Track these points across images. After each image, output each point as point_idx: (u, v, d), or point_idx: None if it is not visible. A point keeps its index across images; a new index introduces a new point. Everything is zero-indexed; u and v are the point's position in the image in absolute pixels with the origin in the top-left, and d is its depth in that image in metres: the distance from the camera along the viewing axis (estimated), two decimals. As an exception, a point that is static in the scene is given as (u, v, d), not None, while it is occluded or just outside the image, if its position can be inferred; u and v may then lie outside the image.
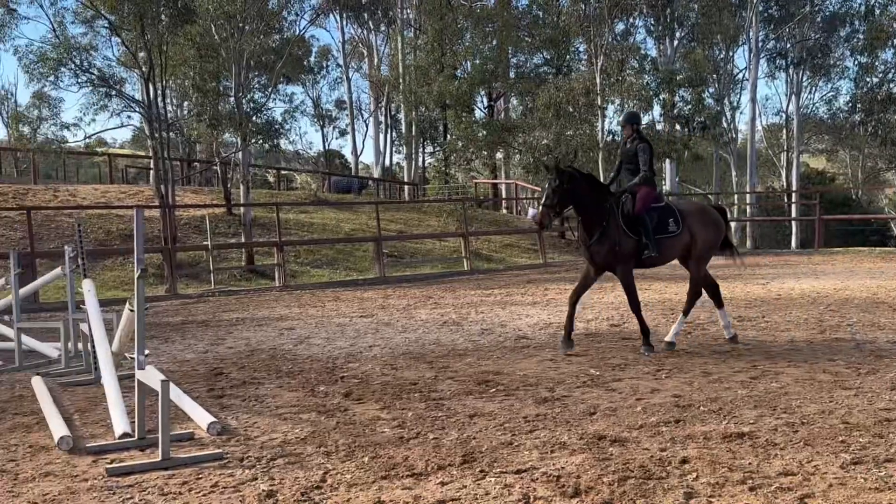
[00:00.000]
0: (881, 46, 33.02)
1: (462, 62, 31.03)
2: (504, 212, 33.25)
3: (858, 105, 34.15)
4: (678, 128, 29.32)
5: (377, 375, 7.37)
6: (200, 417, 5.68)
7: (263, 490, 4.21)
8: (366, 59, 42.85)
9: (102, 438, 5.38)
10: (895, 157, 38.21)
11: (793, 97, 35.08)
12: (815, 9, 33.28)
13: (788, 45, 34.01)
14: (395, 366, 7.85)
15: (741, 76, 35.54)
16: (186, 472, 4.57)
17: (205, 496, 4.18)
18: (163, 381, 4.77)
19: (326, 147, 48.36)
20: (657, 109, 29.09)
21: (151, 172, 26.15)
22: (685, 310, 8.85)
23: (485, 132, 29.83)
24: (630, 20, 31.01)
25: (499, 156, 34.69)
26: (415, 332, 10.11)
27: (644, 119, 29.09)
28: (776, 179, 44.53)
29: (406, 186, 38.09)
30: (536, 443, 4.99)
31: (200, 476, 4.50)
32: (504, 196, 35.75)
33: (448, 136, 34.36)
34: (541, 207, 8.42)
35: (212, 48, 20.30)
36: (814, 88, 35.90)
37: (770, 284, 14.71)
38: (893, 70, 33.86)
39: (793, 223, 31.93)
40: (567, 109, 26.56)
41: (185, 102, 26.13)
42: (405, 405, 6.11)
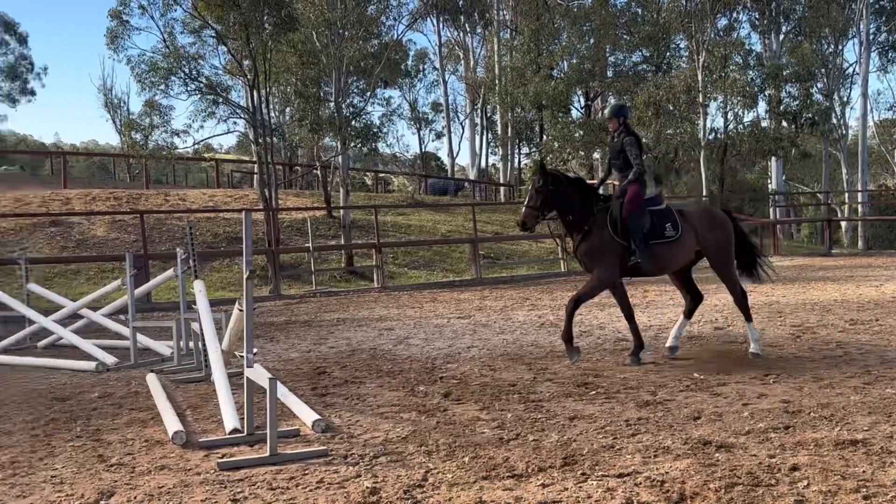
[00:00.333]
0: None
1: (558, 62, 30.80)
2: (602, 212, 32.79)
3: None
4: (784, 124, 28.36)
5: (476, 376, 7.40)
6: (305, 415, 5.83)
7: (367, 487, 4.29)
8: (462, 62, 43.07)
9: (213, 434, 5.58)
10: None
11: (907, 91, 33.46)
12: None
13: (902, 37, 32.49)
14: (494, 367, 7.87)
15: (851, 70, 34.12)
16: (293, 468, 4.70)
17: (311, 492, 4.29)
18: (270, 380, 4.92)
19: (423, 149, 48.86)
20: (762, 105, 28.22)
21: (255, 177, 26.94)
22: (746, 317, 8.35)
23: (582, 132, 29.54)
24: (733, 15, 30.20)
25: (596, 156, 34.24)
26: (512, 334, 10.10)
27: (748, 116, 28.33)
28: (889, 177, 42.57)
29: (502, 188, 38.07)
30: (639, 447, 4.92)
31: (307, 472, 4.62)
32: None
33: (544, 137, 34.12)
34: (523, 208, 8.11)
35: (313, 55, 20.79)
36: (930, 81, 34.20)
37: (884, 286, 14.06)
38: None
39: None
40: (667, 107, 26.06)
41: (288, 108, 26.81)
42: (504, 406, 6.12)
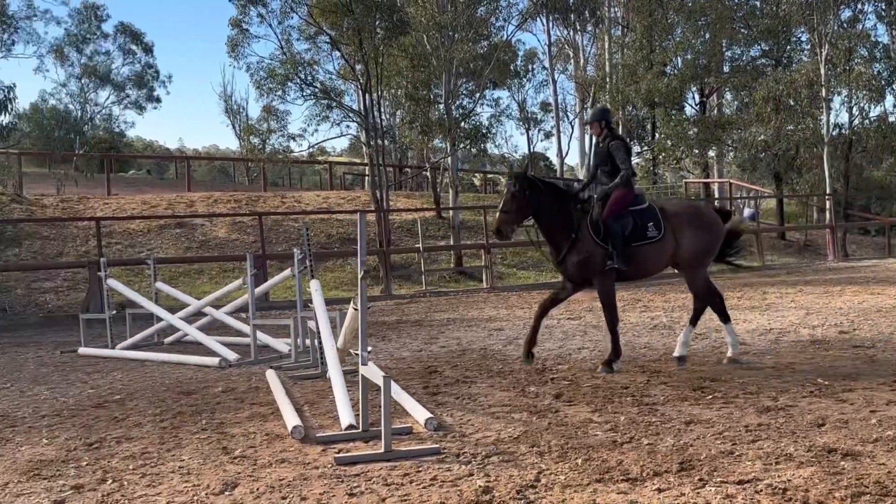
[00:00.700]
0: None
1: (672, 58, 30.11)
2: (717, 212, 31.88)
3: None
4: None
5: (587, 378, 7.33)
6: (418, 413, 5.90)
7: (480, 486, 4.31)
8: (571, 61, 42.64)
9: (330, 429, 5.72)
10: None
11: None
12: None
13: None
14: (606, 369, 7.76)
15: None
16: (407, 465, 4.77)
17: (425, 489, 4.35)
18: (385, 378, 5.01)
19: (531, 150, 48.60)
20: (889, 100, 26.83)
21: (367, 178, 27.47)
22: (723, 319, 7.99)
23: (696, 129, 28.81)
24: (858, 6, 28.79)
25: (711, 154, 33.34)
26: (624, 336, 9.92)
27: (874, 110, 26.99)
28: None
29: (613, 187, 37.45)
30: (759, 453, 4.76)
31: (420, 469, 4.68)
32: (717, 196, 34.33)
33: (656, 135, 33.46)
34: (498, 214, 7.75)
35: (423, 58, 21.05)
36: None
37: None
38: None
39: None
40: (787, 103, 25.12)
41: (398, 111, 27.23)
42: (617, 409, 6.03)
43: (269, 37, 23.32)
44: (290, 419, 5.79)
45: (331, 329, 7.45)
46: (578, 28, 39.99)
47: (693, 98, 33.64)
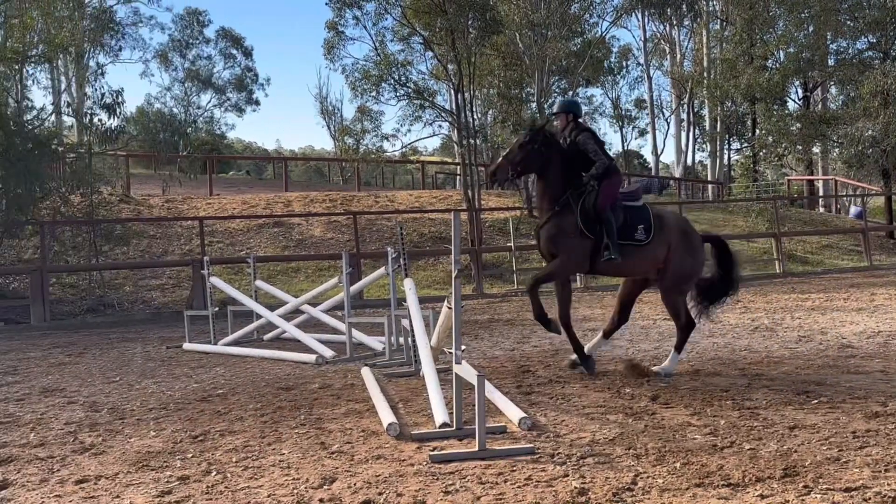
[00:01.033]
0: None
1: (773, 52, 29.16)
2: (821, 210, 30.81)
3: None
4: None
5: (685, 380, 7.17)
6: (511, 412, 5.89)
7: (575, 487, 4.28)
8: (668, 56, 41.83)
9: (424, 427, 5.77)
10: None
11: None
12: None
13: None
14: (704, 371, 7.59)
15: None
16: (501, 464, 4.77)
17: (519, 488, 4.34)
18: (479, 377, 5.02)
19: (625, 147, 47.95)
20: None
21: (458, 178, 27.58)
22: (676, 346, 7.55)
23: (799, 125, 27.84)
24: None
25: (815, 150, 32.15)
26: (723, 338, 9.70)
27: None
28: None
29: (710, 185, 36.63)
30: (867, 460, 4.57)
31: (514, 469, 4.67)
32: (821, 193, 33.12)
33: (757, 131, 32.50)
34: (499, 159, 7.37)
35: (515, 56, 21.03)
36: None
37: None
38: None
39: None
40: (897, 96, 24.00)
41: (490, 110, 27.28)
42: (717, 412, 5.89)
43: (364, 39, 23.75)
44: (386, 416, 5.87)
45: (424, 327, 7.52)
46: (675, 23, 39.18)
47: (796, 93, 32.52)
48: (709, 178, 37.70)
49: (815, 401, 6.13)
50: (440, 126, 24.00)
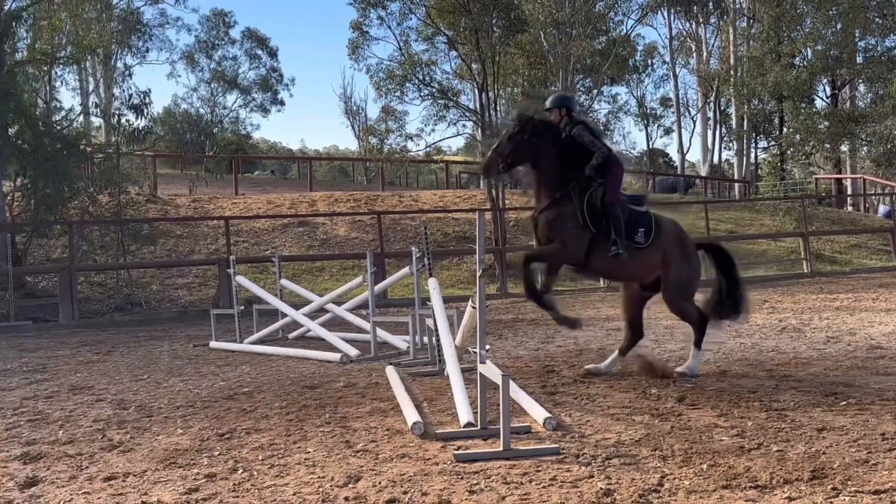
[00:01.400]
0: None
1: (801, 49, 28.89)
2: (849, 209, 30.43)
3: None
4: None
5: (711, 381, 7.12)
6: (536, 412, 5.88)
7: (601, 488, 4.26)
8: (694, 54, 41.52)
9: (448, 426, 5.77)
10: None
11: None
12: None
13: None
14: (730, 372, 7.53)
15: None
16: (526, 464, 4.76)
17: (544, 488, 4.32)
18: (503, 376, 5.01)
19: (650, 146, 47.66)
20: None
21: (482, 178, 27.50)
22: (696, 343, 7.47)
23: (827, 123, 27.56)
24: None
25: (843, 148, 31.78)
26: (750, 338, 9.62)
27: None
28: None
29: (736, 184, 36.34)
30: (898, 464, 4.51)
31: (539, 469, 4.66)
32: (849, 192, 32.73)
33: (784, 130, 32.19)
34: (489, 153, 7.18)
35: (540, 55, 20.99)
36: None
37: None
38: None
39: None
40: (927, 94, 23.69)
41: (514, 109, 27.22)
42: (744, 414, 5.83)
43: (388, 38, 23.71)
44: (410, 415, 5.87)
45: (448, 327, 7.52)
46: (701, 20, 38.88)
47: (824, 90, 32.21)
48: (735, 177, 37.38)
49: (844, 402, 6.07)
50: (464, 126, 23.98)
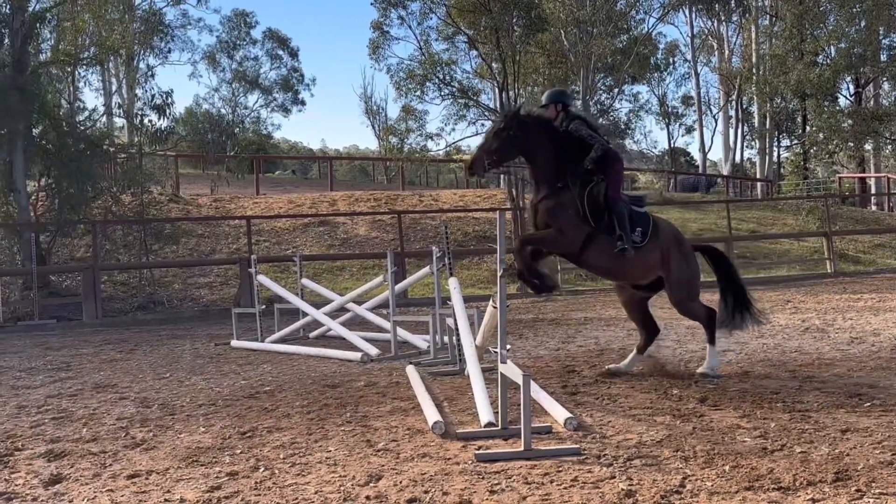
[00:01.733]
0: None
1: (824, 47, 28.62)
2: (873, 209, 30.13)
3: None
4: None
5: (734, 382, 7.07)
6: (557, 412, 5.87)
7: (622, 489, 4.24)
8: (715, 52, 41.26)
9: (469, 426, 5.77)
10: None
11: None
12: None
13: None
14: (753, 373, 7.47)
15: None
16: (547, 464, 4.75)
17: (565, 489, 4.32)
18: (524, 376, 5.00)
19: (671, 145, 47.41)
20: None
21: (503, 176, 27.48)
22: (710, 339, 7.42)
23: (850, 122, 27.28)
24: None
25: (867, 147, 31.45)
26: (773, 338, 9.54)
27: None
28: None
29: (759, 183, 36.08)
30: (924, 466, 4.46)
31: (560, 469, 4.65)
32: (873, 191, 32.40)
33: (807, 128, 31.90)
34: (475, 150, 7.08)
35: (560, 54, 20.92)
36: None
37: None
38: None
39: None
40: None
41: (535, 109, 27.18)
42: (767, 415, 5.79)
43: (409, 38, 23.75)
44: (431, 415, 5.88)
45: (469, 326, 7.51)
46: (723, 18, 38.62)
47: (847, 89, 31.91)
48: (758, 176, 37.11)
49: (868, 403, 6.01)
50: (484, 125, 23.95)
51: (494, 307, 6.24)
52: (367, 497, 4.28)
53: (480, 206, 23.97)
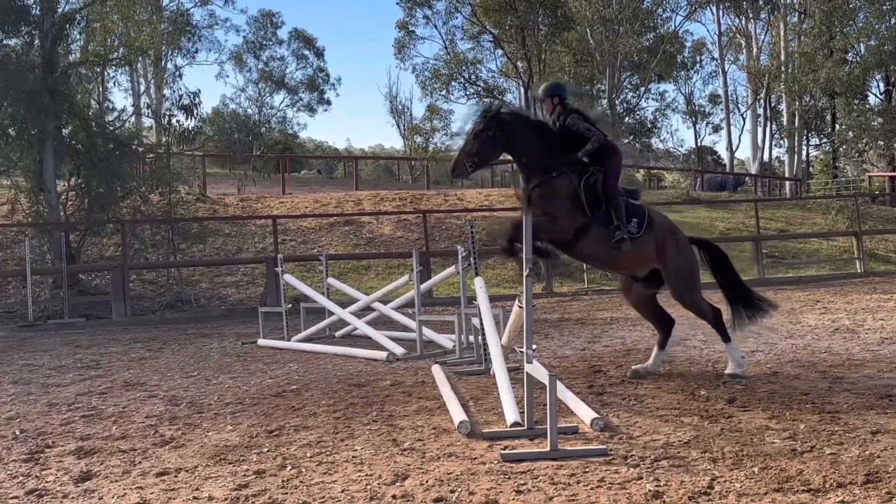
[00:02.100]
0: None
1: (854, 44, 28.29)
2: (904, 208, 29.69)
3: None
4: None
5: (762, 382, 7.01)
6: (583, 413, 5.84)
7: (650, 490, 4.22)
8: (743, 50, 40.87)
9: (495, 425, 5.76)
10: None
11: None
12: None
13: None
14: (782, 373, 7.40)
15: None
16: (573, 465, 4.73)
17: (592, 490, 4.30)
18: (551, 376, 4.99)
19: (698, 144, 47.09)
20: None
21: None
22: (723, 338, 7.39)
23: (881, 120, 26.95)
24: None
25: (899, 145, 31.05)
26: (802, 339, 9.45)
27: None
28: None
29: (787, 182, 35.71)
30: (958, 470, 4.40)
31: (587, 470, 4.63)
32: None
33: (836, 127, 31.54)
34: (456, 153, 7.00)
35: (586, 53, 20.85)
36: None
37: None
38: None
39: None
40: None
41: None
42: (796, 416, 5.73)
43: (434, 38, 23.83)
44: (457, 414, 5.88)
45: (494, 326, 7.50)
46: (751, 16, 38.25)
47: (877, 86, 31.52)
48: (786, 175, 36.74)
49: (900, 405, 5.93)
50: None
51: (521, 307, 6.23)
52: (394, 496, 4.29)
53: (506, 206, 23.93)
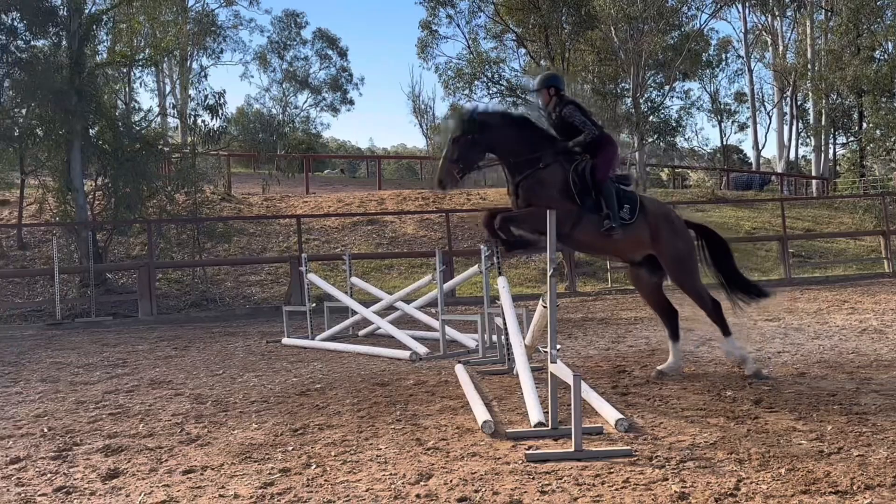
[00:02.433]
0: None
1: (882, 42, 27.94)
2: (933, 207, 29.29)
3: None
4: None
5: (789, 383, 6.95)
6: (608, 413, 5.82)
7: (675, 491, 4.19)
8: (769, 48, 40.51)
9: (518, 425, 5.75)
10: None
11: None
12: None
13: None
14: (809, 374, 7.33)
15: None
16: (598, 466, 4.71)
17: (617, 491, 4.28)
18: (575, 376, 4.97)
19: (724, 142, 46.77)
20: None
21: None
22: (723, 331, 7.36)
23: (910, 118, 26.57)
24: None
25: (927, 144, 30.62)
26: (829, 339, 9.35)
27: None
28: None
29: (814, 181, 35.37)
30: None
31: (612, 471, 4.61)
32: (934, 189, 31.48)
33: (864, 125, 31.17)
34: (440, 163, 6.97)
35: (610, 51, 20.76)
36: None
37: None
38: None
39: None
40: None
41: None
42: (823, 417, 5.68)
43: (457, 37, 23.83)
44: (480, 414, 5.88)
45: (518, 325, 7.49)
46: (777, 13, 37.90)
47: (906, 84, 31.05)
48: (813, 174, 36.39)
49: (930, 407, 5.85)
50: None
51: (544, 307, 6.22)
52: (418, 495, 4.30)
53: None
